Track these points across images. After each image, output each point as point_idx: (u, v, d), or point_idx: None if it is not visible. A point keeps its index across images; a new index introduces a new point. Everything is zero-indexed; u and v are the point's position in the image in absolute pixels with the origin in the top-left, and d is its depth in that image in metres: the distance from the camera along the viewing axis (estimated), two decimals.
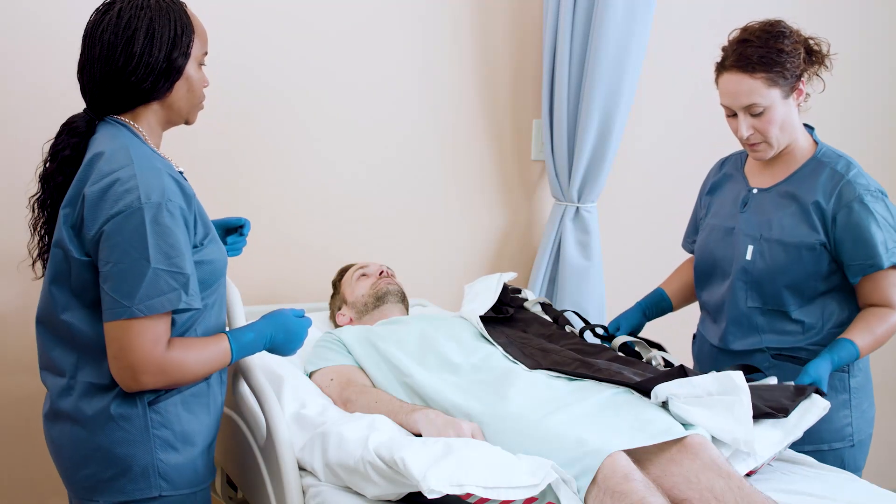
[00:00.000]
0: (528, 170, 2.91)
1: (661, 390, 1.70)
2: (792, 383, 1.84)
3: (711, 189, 2.21)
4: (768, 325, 2.02)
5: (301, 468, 1.72)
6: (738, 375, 1.66)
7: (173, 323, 1.53)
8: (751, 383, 1.80)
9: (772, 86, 1.90)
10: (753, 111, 1.91)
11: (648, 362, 2.04)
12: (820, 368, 1.87)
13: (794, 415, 1.73)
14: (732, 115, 1.95)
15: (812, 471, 1.75)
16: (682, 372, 1.75)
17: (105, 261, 1.46)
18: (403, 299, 2.37)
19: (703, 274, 2.17)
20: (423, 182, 2.76)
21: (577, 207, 2.80)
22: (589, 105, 2.66)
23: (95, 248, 1.47)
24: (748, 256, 2.01)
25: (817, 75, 1.98)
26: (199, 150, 2.39)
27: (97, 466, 1.54)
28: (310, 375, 2.05)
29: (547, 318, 2.31)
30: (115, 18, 1.52)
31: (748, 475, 1.68)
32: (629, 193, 3.03)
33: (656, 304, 2.31)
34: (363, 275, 2.37)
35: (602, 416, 1.68)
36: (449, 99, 2.76)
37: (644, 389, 1.74)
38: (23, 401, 2.32)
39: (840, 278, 1.97)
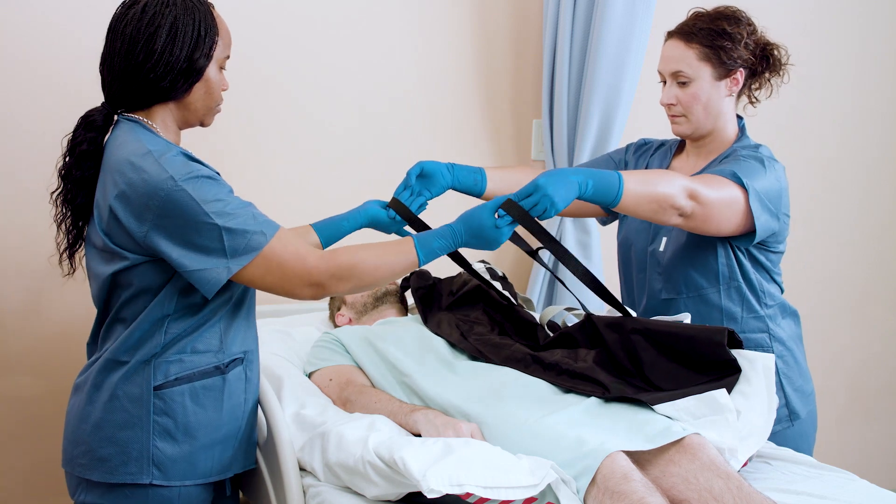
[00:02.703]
0: None
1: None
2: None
3: (636, 156, 2.17)
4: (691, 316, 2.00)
5: (301, 468, 1.72)
6: (723, 395, 1.65)
7: (226, 290, 1.56)
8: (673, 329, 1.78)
9: (703, 60, 1.91)
10: (679, 79, 1.93)
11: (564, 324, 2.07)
12: (551, 178, 1.68)
13: (757, 385, 1.70)
14: (663, 82, 1.98)
15: (812, 471, 1.75)
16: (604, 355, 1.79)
17: (173, 248, 1.46)
18: (402, 300, 2.37)
19: (625, 264, 2.17)
20: None
21: None
22: (589, 105, 2.66)
23: (152, 245, 1.47)
24: (661, 248, 2.03)
25: (769, 81, 1.98)
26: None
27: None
28: (309, 376, 2.05)
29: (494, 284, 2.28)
30: (139, 13, 1.51)
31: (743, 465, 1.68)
32: None
33: (470, 175, 1.99)
34: None
35: (601, 417, 1.68)
36: (449, 99, 2.76)
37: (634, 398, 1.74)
38: (23, 401, 2.33)
39: (749, 260, 1.96)
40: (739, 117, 2.04)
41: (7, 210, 2.24)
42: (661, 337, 1.79)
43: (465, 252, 2.82)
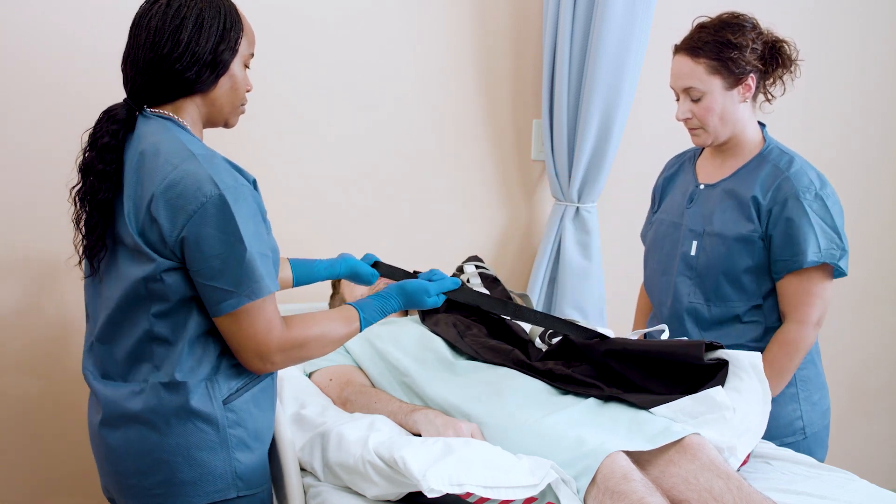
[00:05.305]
0: (528, 170, 2.91)
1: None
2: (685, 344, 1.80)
3: (664, 185, 2.22)
4: (710, 323, 2.01)
5: (301, 468, 1.72)
6: (718, 392, 1.66)
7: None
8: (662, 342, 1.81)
9: (713, 73, 1.91)
10: (692, 95, 1.94)
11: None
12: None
13: (748, 381, 1.71)
14: (677, 98, 1.99)
15: (812, 471, 1.75)
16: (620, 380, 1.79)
17: (199, 258, 1.43)
18: None
19: (651, 268, 2.17)
20: (423, 182, 2.76)
21: (577, 207, 2.80)
22: (589, 105, 2.66)
23: (180, 250, 1.44)
24: (692, 252, 2.02)
25: (780, 79, 1.98)
26: None
27: (171, 471, 1.49)
28: (309, 376, 2.06)
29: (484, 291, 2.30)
30: (164, 7, 1.50)
31: (743, 463, 1.68)
32: (629, 193, 3.03)
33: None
34: None
35: (601, 417, 1.68)
36: (449, 99, 2.76)
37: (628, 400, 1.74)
38: (22, 400, 2.33)
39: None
40: (761, 124, 2.04)
41: (6, 210, 2.24)
42: (640, 356, 1.79)
43: (459, 252, 2.83)
